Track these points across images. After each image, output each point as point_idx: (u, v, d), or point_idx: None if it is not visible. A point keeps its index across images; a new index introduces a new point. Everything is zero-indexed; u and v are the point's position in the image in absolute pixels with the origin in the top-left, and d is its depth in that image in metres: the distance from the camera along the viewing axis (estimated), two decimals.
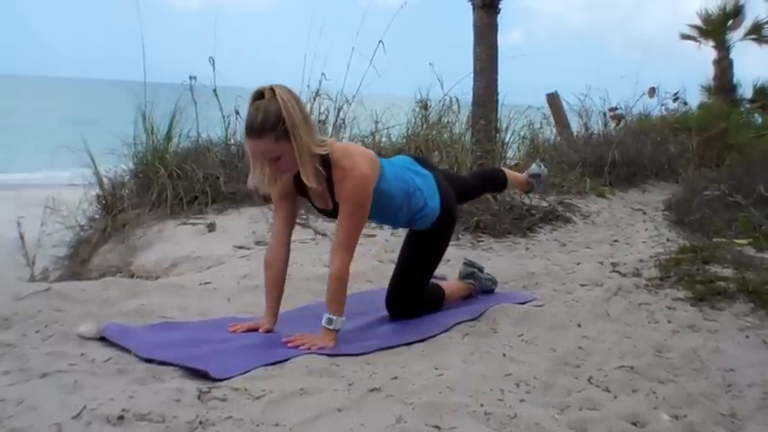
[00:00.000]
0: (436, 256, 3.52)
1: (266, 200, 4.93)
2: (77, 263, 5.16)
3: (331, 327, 2.95)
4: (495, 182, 4.29)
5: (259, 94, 2.88)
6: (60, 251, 5.34)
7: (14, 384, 2.32)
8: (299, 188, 3.09)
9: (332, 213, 3.15)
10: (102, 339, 2.86)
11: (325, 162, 2.96)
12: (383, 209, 3.17)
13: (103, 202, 5.58)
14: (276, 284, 3.17)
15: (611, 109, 10.15)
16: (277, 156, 2.88)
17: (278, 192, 3.16)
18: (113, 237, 5.25)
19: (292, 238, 3.26)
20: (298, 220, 4.01)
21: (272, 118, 2.81)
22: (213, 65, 6.08)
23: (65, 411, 2.11)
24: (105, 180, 5.65)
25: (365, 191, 3.00)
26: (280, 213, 3.20)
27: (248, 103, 2.91)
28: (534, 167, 4.44)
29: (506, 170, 4.40)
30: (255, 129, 2.84)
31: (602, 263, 4.57)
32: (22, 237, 4.90)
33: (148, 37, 6.25)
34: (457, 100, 7.83)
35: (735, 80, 16.08)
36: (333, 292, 3.00)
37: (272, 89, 2.86)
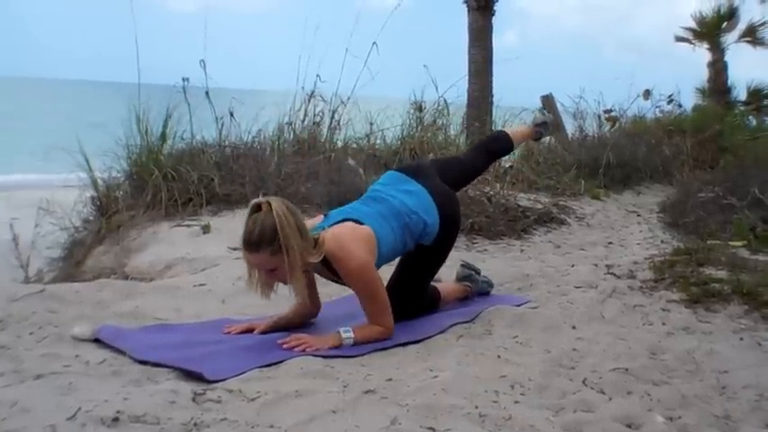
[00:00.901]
0: (437, 262, 3.50)
1: None
2: (72, 264, 5.15)
3: (344, 337, 2.96)
4: (503, 149, 4.25)
5: (256, 207, 2.91)
6: (54, 253, 5.33)
7: (9, 386, 2.32)
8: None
9: (340, 281, 3.19)
10: (97, 341, 2.86)
11: (325, 257, 2.99)
12: (391, 256, 3.25)
13: (98, 203, 5.58)
14: (296, 317, 3.24)
15: (606, 111, 10.15)
16: (273, 268, 2.90)
17: None
18: (108, 238, 5.24)
19: None
20: None
21: (269, 232, 2.83)
22: (204, 67, 6.08)
23: (59, 413, 2.11)
24: (100, 181, 5.64)
25: (370, 275, 3.04)
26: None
27: (246, 215, 2.94)
28: (538, 116, 4.39)
29: (508, 130, 4.35)
30: (253, 243, 2.86)
31: (596, 265, 4.57)
32: (15, 238, 4.88)
33: (143, 39, 6.25)
34: (446, 103, 7.84)
35: (729, 82, 16.08)
36: (370, 332, 3.05)
37: (268, 203, 2.88)
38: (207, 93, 6.07)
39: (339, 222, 3.13)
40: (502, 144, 4.20)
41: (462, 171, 3.89)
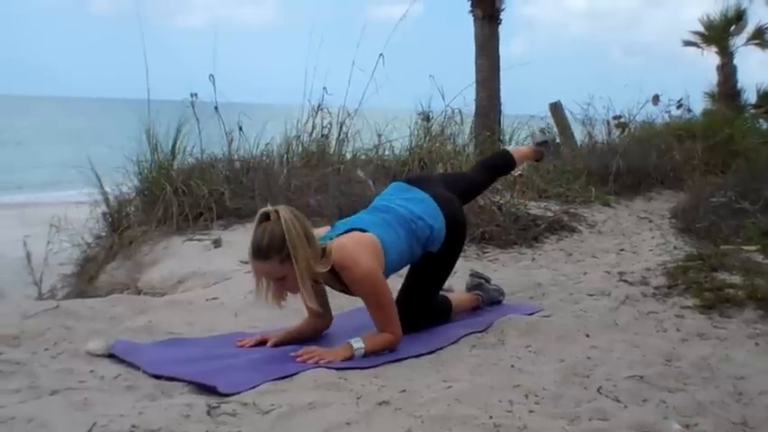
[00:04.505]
0: (446, 269, 3.51)
1: None
2: (84, 280, 5.17)
3: (354, 348, 2.95)
4: (504, 166, 4.28)
5: (265, 216, 2.92)
6: (67, 269, 5.35)
7: (25, 402, 2.33)
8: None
9: (349, 292, 3.19)
10: (111, 356, 2.87)
11: (333, 268, 3.01)
12: (399, 264, 3.27)
13: (110, 219, 5.61)
14: (308, 328, 3.24)
15: (615, 117, 10.12)
16: (282, 276, 2.91)
17: None
18: (120, 254, 5.26)
19: None
20: None
21: (278, 241, 2.84)
22: (213, 82, 6.12)
23: (75, 429, 2.11)
24: (111, 198, 5.68)
25: (377, 282, 3.04)
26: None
27: (254, 224, 2.95)
28: (539, 135, 4.42)
29: (511, 149, 4.39)
30: (261, 251, 2.87)
31: (609, 272, 4.56)
32: (28, 255, 4.92)
33: (151, 55, 6.28)
34: (459, 111, 7.84)
35: (738, 86, 16.05)
36: (380, 340, 3.05)
37: (276, 211, 2.90)
38: (216, 107, 6.10)
39: (345, 233, 3.15)
40: (503, 161, 4.27)
41: (467, 185, 3.92)
